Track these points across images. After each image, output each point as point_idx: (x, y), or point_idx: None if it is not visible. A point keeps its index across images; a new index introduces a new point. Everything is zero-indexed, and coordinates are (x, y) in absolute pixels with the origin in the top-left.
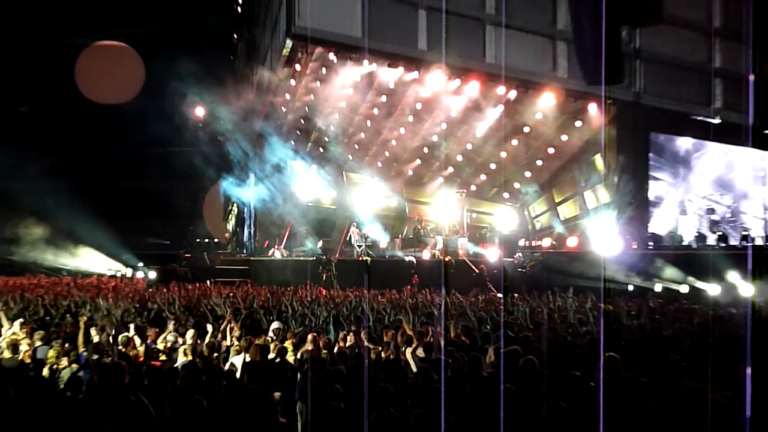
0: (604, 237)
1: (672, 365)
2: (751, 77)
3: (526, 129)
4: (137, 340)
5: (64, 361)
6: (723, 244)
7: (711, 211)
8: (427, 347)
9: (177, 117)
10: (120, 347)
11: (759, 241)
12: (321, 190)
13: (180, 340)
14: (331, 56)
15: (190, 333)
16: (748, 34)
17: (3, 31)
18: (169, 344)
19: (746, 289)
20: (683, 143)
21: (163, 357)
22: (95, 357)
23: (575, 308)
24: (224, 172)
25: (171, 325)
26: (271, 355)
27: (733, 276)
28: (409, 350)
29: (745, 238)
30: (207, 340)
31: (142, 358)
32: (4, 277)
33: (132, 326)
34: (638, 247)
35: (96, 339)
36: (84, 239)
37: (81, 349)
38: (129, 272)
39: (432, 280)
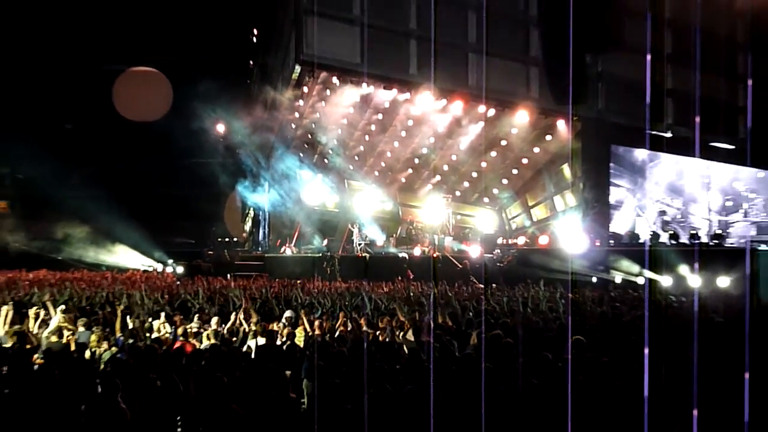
0: (571, 236)
1: (630, 348)
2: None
3: (503, 142)
4: (167, 326)
5: (104, 345)
6: (674, 242)
7: (663, 213)
8: (418, 331)
9: (201, 133)
10: (146, 333)
11: (705, 239)
12: (325, 196)
13: (203, 326)
14: (334, 79)
15: (214, 320)
16: (694, 60)
17: (52, 59)
18: (194, 329)
19: (694, 280)
20: (639, 154)
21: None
22: (131, 341)
23: (546, 298)
24: (242, 180)
25: (194, 313)
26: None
27: (682, 269)
28: (402, 334)
29: (693, 236)
30: (228, 326)
31: (178, 343)
32: (52, 271)
33: (162, 314)
34: (600, 244)
35: (131, 325)
36: (121, 239)
37: (118, 334)
38: (160, 267)
39: (422, 274)
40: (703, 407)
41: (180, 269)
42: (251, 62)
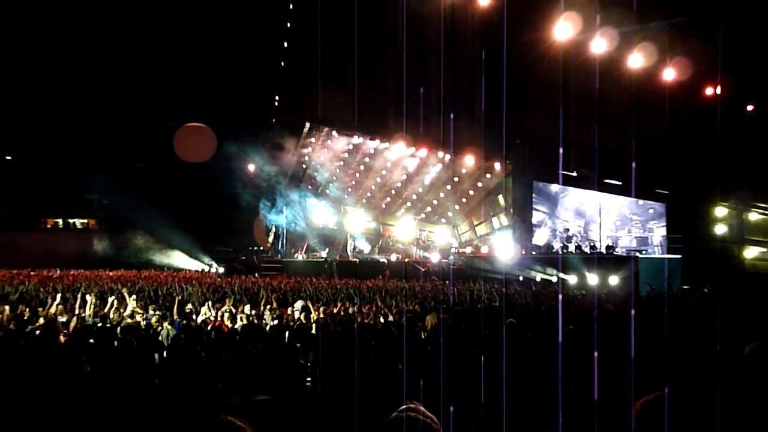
0: (504, 246)
1: (547, 328)
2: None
3: (456, 179)
4: (211, 311)
5: (165, 324)
6: (578, 251)
7: (567, 230)
8: (393, 315)
9: (236, 171)
10: (196, 316)
11: (600, 249)
12: (326, 217)
13: (235, 311)
14: (334, 133)
15: (247, 306)
16: (594, 119)
17: (128, 117)
18: (231, 313)
19: (592, 279)
20: (553, 188)
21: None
22: (185, 322)
23: (486, 291)
24: (265, 205)
25: (229, 302)
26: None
27: (584, 271)
28: (381, 317)
29: (592, 247)
30: (254, 311)
31: (218, 323)
32: (127, 271)
33: (208, 302)
34: (525, 253)
35: (186, 310)
36: (178, 247)
37: (176, 317)
38: (206, 268)
39: (397, 273)
40: (601, 367)
41: (221, 269)
42: (273, 119)
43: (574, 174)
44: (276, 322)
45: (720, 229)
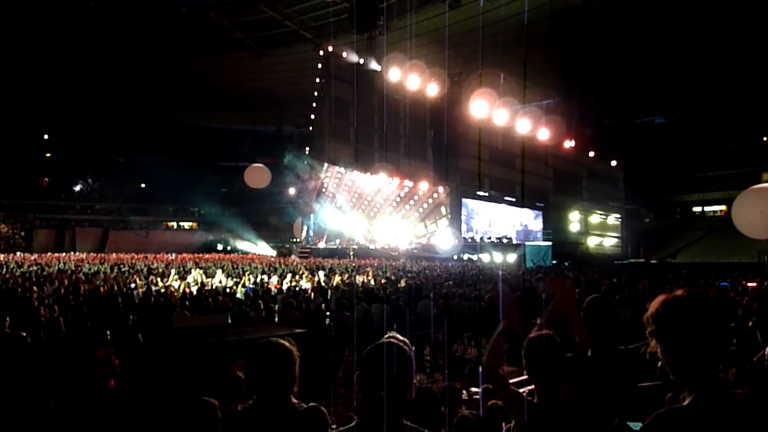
0: (445, 238)
1: (470, 285)
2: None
3: (416, 197)
4: (266, 279)
5: (239, 288)
6: (489, 240)
7: (469, 230)
8: (380, 281)
9: (282, 193)
10: (257, 282)
11: (503, 239)
12: (338, 220)
13: (276, 279)
14: (342, 169)
15: (289, 275)
16: (499, 160)
17: (219, 162)
18: (277, 281)
19: (497, 257)
20: (474, 202)
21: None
22: (252, 286)
23: (437, 266)
24: (302, 213)
25: (277, 274)
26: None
27: (493, 252)
28: (371, 281)
29: (498, 238)
30: (294, 278)
31: (271, 286)
32: (217, 254)
33: (266, 274)
34: (458, 242)
35: (251, 279)
36: (248, 239)
37: (246, 283)
38: (265, 252)
39: (380, 255)
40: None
41: (274, 252)
42: (306, 162)
43: (487, 194)
44: (308, 284)
45: (574, 227)
